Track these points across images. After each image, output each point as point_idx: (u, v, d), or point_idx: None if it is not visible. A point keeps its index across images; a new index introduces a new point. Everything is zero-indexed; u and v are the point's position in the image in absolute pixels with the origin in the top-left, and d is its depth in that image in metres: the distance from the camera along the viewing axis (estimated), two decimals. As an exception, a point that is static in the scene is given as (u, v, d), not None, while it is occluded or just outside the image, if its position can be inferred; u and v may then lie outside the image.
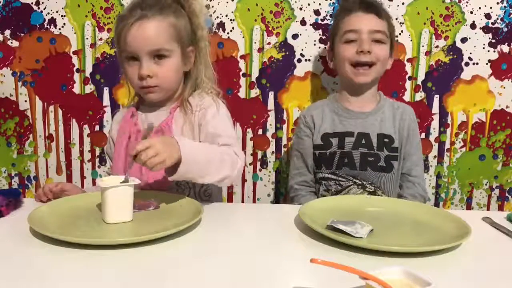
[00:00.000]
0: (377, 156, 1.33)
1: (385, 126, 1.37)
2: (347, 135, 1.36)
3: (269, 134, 1.68)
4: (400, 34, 1.58)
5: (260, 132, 1.67)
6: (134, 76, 1.12)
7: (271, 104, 1.65)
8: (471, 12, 1.57)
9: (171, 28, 1.12)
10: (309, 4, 1.58)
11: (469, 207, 1.69)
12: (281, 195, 1.72)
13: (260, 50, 1.62)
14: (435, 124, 1.64)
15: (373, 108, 1.40)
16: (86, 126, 1.70)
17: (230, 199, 1.72)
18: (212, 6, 1.59)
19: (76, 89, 1.68)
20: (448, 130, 1.64)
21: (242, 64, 1.63)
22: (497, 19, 1.57)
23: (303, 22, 1.60)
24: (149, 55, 1.10)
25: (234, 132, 1.19)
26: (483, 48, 1.59)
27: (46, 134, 1.71)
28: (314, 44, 1.60)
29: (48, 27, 1.63)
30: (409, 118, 1.40)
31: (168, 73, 1.13)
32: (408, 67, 1.62)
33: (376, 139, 1.35)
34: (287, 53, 1.62)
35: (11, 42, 1.65)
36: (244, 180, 1.71)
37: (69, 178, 1.73)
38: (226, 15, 1.60)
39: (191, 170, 0.97)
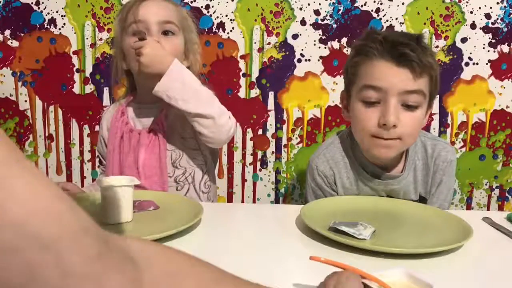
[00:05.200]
0: None
1: (418, 186, 1.11)
2: None
3: (269, 134, 1.68)
4: (400, 34, 1.58)
5: (260, 132, 1.67)
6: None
7: (271, 104, 1.65)
8: (471, 12, 1.57)
9: (179, 14, 1.15)
10: (309, 4, 1.58)
11: (469, 207, 1.69)
12: (281, 195, 1.72)
13: (260, 50, 1.62)
14: (435, 124, 1.64)
15: (404, 167, 1.10)
16: (86, 126, 1.70)
17: (230, 199, 1.72)
18: (212, 6, 1.59)
19: (76, 89, 1.68)
20: (448, 130, 1.64)
21: (242, 64, 1.63)
22: (497, 19, 1.57)
23: (303, 22, 1.60)
24: (158, 26, 1.10)
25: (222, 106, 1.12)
26: (483, 48, 1.59)
27: (46, 134, 1.71)
28: (314, 44, 1.60)
29: (48, 27, 1.63)
30: (442, 165, 1.10)
31: (172, 49, 1.11)
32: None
33: None
34: (287, 53, 1.62)
35: (11, 42, 1.65)
36: (244, 180, 1.71)
37: (69, 178, 1.73)
38: (226, 15, 1.60)
39: (175, 87, 1.02)
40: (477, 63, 1.60)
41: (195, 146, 1.17)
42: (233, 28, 1.60)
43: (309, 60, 1.62)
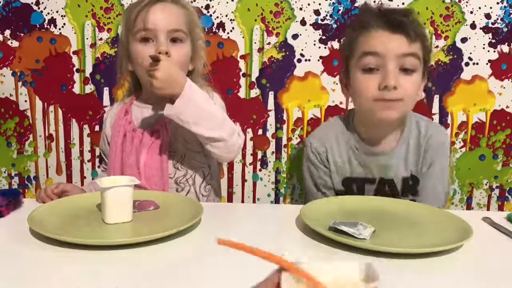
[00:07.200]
0: None
1: (409, 163, 1.14)
2: (367, 182, 1.16)
3: (269, 134, 1.68)
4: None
5: (260, 132, 1.67)
6: (147, 56, 1.05)
7: (271, 104, 1.65)
8: (471, 12, 1.57)
9: (187, 17, 1.14)
10: (309, 4, 1.58)
11: (469, 207, 1.69)
12: (281, 195, 1.72)
13: (260, 50, 1.62)
14: (435, 124, 1.64)
15: (397, 143, 1.14)
16: (86, 126, 1.70)
17: (230, 199, 1.72)
18: (212, 6, 1.59)
19: (76, 89, 1.68)
20: (448, 130, 1.64)
21: (242, 64, 1.63)
22: (497, 19, 1.57)
23: (303, 22, 1.60)
24: (167, 34, 1.09)
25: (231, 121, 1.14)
26: (483, 48, 1.59)
27: (46, 134, 1.71)
28: (314, 44, 1.60)
29: (48, 27, 1.63)
30: (434, 145, 1.14)
31: (181, 58, 1.11)
32: (408, 67, 1.62)
33: (401, 184, 1.15)
34: (287, 53, 1.62)
35: (11, 42, 1.65)
36: (244, 180, 1.71)
37: (69, 178, 1.73)
38: (226, 15, 1.60)
39: (188, 110, 1.00)
40: (477, 63, 1.60)
41: (198, 148, 1.17)
42: (233, 28, 1.60)
43: (309, 60, 1.62)
